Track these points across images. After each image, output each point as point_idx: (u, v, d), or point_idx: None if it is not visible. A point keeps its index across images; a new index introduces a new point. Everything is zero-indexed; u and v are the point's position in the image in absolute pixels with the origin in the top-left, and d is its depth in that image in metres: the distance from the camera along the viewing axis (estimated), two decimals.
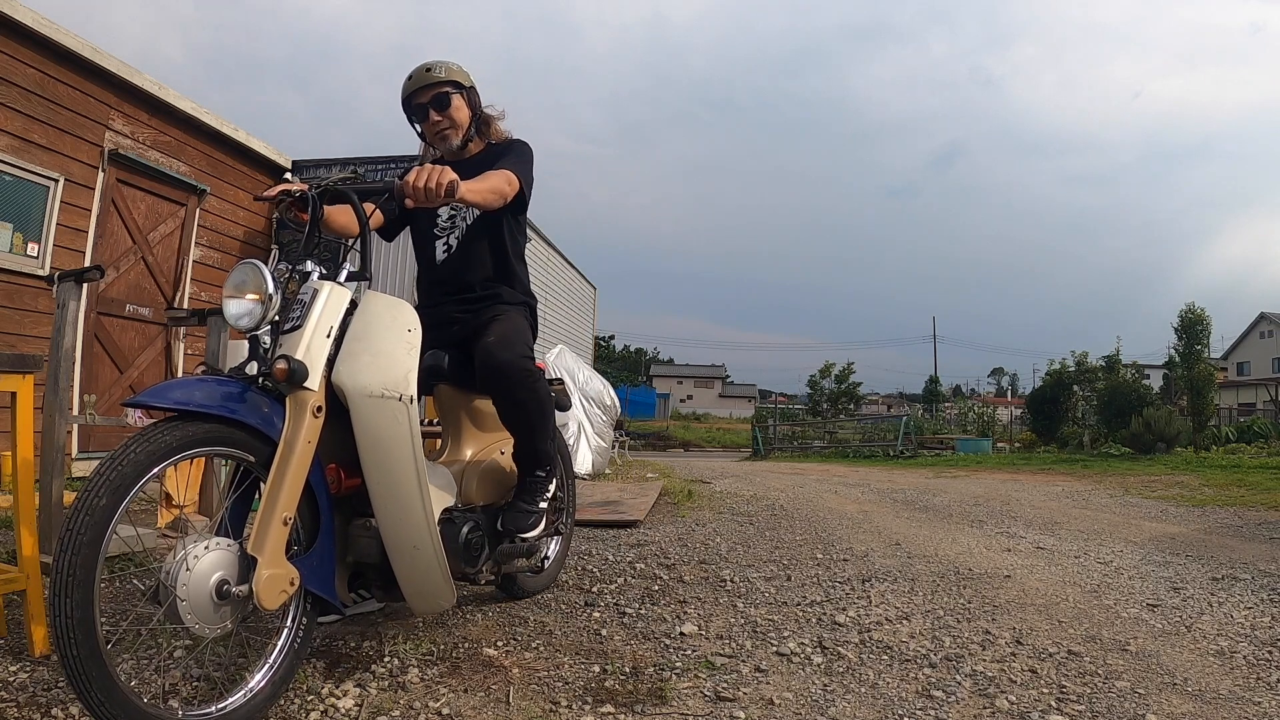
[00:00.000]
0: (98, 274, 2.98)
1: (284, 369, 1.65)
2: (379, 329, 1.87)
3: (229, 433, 1.58)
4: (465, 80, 2.43)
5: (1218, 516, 5.83)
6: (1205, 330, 15.55)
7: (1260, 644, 2.40)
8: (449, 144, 2.43)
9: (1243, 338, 44.56)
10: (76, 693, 1.33)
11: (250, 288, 1.73)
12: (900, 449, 18.55)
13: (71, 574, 1.30)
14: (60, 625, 1.30)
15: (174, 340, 6.10)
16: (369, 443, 1.79)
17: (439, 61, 2.41)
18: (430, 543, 1.87)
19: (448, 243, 2.45)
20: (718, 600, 2.84)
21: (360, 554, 1.92)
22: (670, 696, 1.85)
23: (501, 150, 2.45)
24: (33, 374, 1.99)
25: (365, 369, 1.80)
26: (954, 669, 2.12)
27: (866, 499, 7.11)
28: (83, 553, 1.32)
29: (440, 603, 2.00)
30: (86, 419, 3.46)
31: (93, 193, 5.37)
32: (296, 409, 1.67)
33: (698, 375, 67.44)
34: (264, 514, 1.59)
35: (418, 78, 2.38)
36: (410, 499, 1.83)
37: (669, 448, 28.93)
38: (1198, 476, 9.26)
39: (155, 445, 1.44)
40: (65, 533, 1.32)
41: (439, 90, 2.39)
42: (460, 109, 2.42)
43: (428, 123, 2.41)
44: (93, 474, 1.39)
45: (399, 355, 1.87)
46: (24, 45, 4.82)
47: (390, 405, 1.80)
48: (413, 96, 2.39)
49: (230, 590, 1.52)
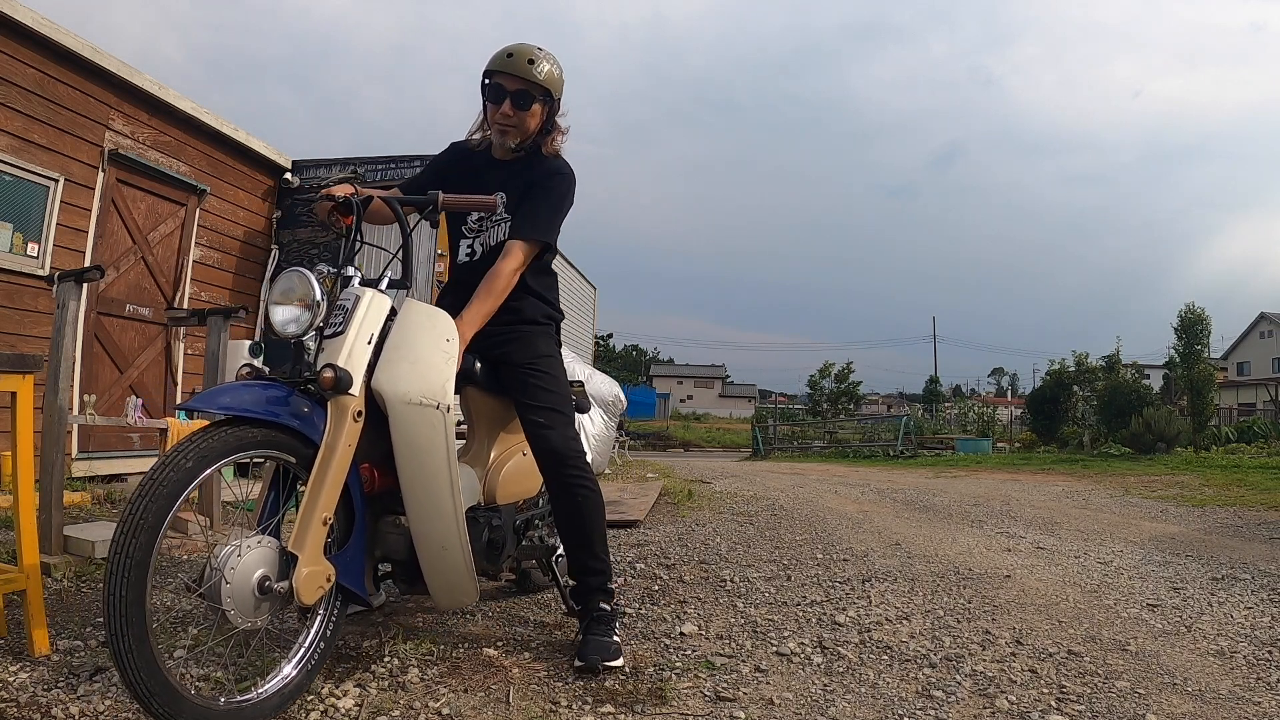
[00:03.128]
0: (98, 274, 2.98)
1: (331, 378, 1.69)
2: (418, 337, 1.90)
3: (276, 436, 1.64)
4: (556, 91, 2.26)
5: (1218, 516, 5.83)
6: (1205, 330, 15.57)
7: (1260, 644, 2.40)
8: (503, 140, 2.28)
9: (1243, 338, 44.56)
10: (122, 672, 1.37)
11: (298, 295, 1.76)
12: (900, 449, 18.55)
13: (129, 555, 1.36)
14: (113, 605, 1.35)
15: (174, 340, 6.10)
16: (406, 448, 1.84)
17: (545, 55, 2.22)
18: (459, 544, 1.92)
19: (472, 246, 2.37)
20: (718, 600, 2.84)
21: (389, 550, 1.99)
22: (670, 696, 1.85)
23: (540, 176, 2.28)
24: (33, 374, 1.99)
25: (404, 376, 1.84)
26: (954, 669, 2.12)
27: (866, 499, 7.11)
28: (142, 536, 1.38)
29: (464, 599, 2.05)
30: (86, 419, 3.47)
31: (93, 193, 5.36)
32: (338, 414, 1.72)
33: (698, 375, 67.43)
34: (304, 514, 1.65)
35: (516, 65, 2.18)
36: (442, 502, 1.88)
37: (669, 448, 28.93)
38: (1198, 476, 9.27)
39: (212, 447, 1.51)
40: (128, 515, 1.39)
41: (527, 88, 2.20)
42: (535, 117, 2.25)
43: (498, 109, 2.22)
44: (153, 469, 1.45)
45: (437, 364, 1.90)
46: (24, 45, 4.82)
47: (428, 413, 1.84)
48: (498, 74, 2.20)
49: (271, 586, 1.58)
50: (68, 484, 4.19)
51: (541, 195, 2.27)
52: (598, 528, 2.20)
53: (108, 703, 1.67)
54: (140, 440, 5.65)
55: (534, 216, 2.24)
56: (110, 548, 1.38)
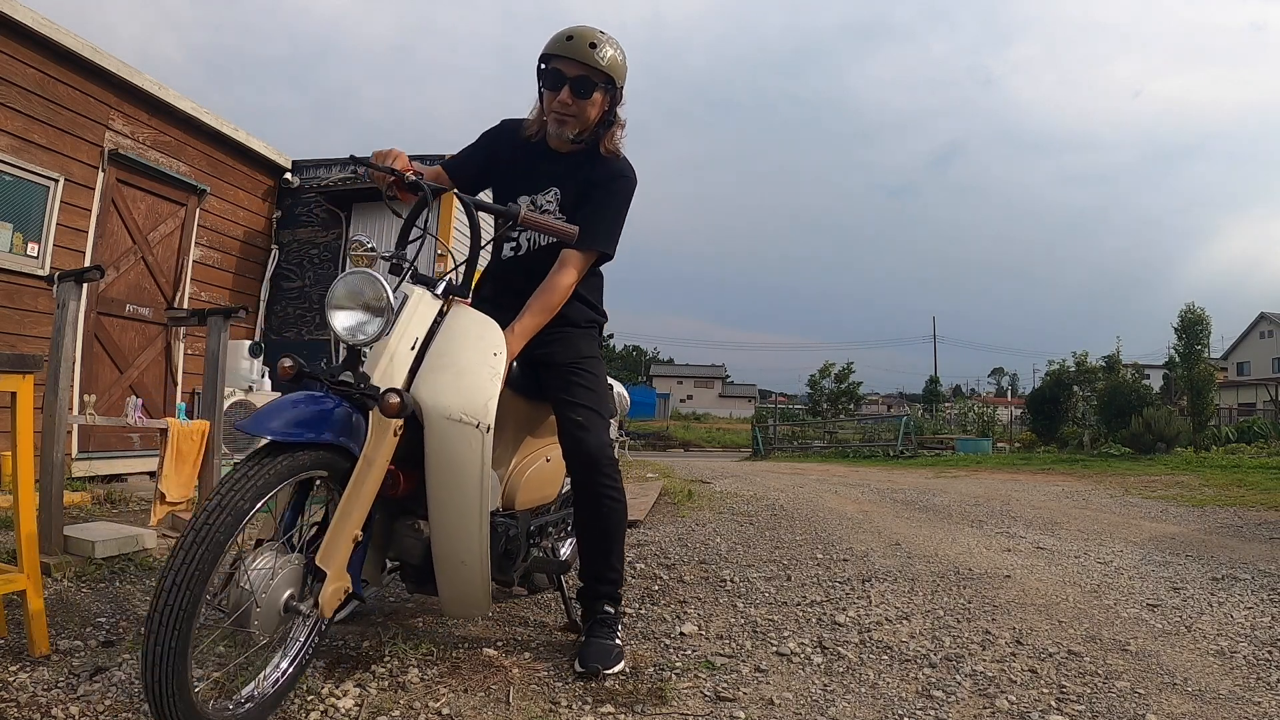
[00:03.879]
0: (98, 274, 2.98)
1: (396, 405, 1.60)
2: (465, 348, 1.81)
3: (323, 456, 1.60)
4: (619, 79, 2.10)
5: (1218, 516, 5.83)
6: (1205, 330, 15.58)
7: (1260, 644, 2.40)
8: (561, 130, 2.13)
9: (1243, 338, 44.57)
10: (150, 685, 1.33)
11: (367, 298, 1.65)
12: (900, 449, 18.55)
13: (180, 608, 1.31)
14: (154, 659, 1.30)
15: (174, 340, 6.10)
16: (439, 462, 1.77)
17: (608, 40, 2.06)
18: (479, 560, 1.85)
19: (517, 242, 2.26)
20: (718, 600, 2.83)
21: (404, 553, 1.91)
22: (670, 696, 1.85)
23: (601, 178, 2.16)
24: (33, 374, 1.99)
25: (446, 389, 1.76)
26: (954, 669, 2.12)
27: (866, 499, 7.10)
28: (195, 588, 1.33)
29: (474, 611, 1.99)
30: (86, 419, 3.47)
31: (93, 193, 5.37)
32: (380, 428, 1.66)
33: (698, 375, 67.43)
34: (336, 530, 1.62)
35: (576, 49, 2.02)
36: (469, 521, 1.80)
37: (669, 448, 28.94)
38: (1198, 476, 9.26)
39: (267, 482, 1.47)
40: (179, 564, 1.33)
41: (588, 74, 2.05)
42: (595, 106, 2.10)
43: (556, 96, 2.08)
44: (206, 510, 1.39)
45: (482, 380, 1.81)
46: (24, 45, 4.82)
47: (466, 430, 1.76)
48: (557, 58, 2.05)
49: (296, 605, 1.56)
50: (68, 484, 4.19)
51: (602, 201, 2.15)
52: (618, 538, 2.16)
53: (108, 703, 1.67)
54: (140, 440, 5.65)
55: (594, 225, 2.10)
56: (157, 597, 1.31)
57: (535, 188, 2.23)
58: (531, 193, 2.22)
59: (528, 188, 2.23)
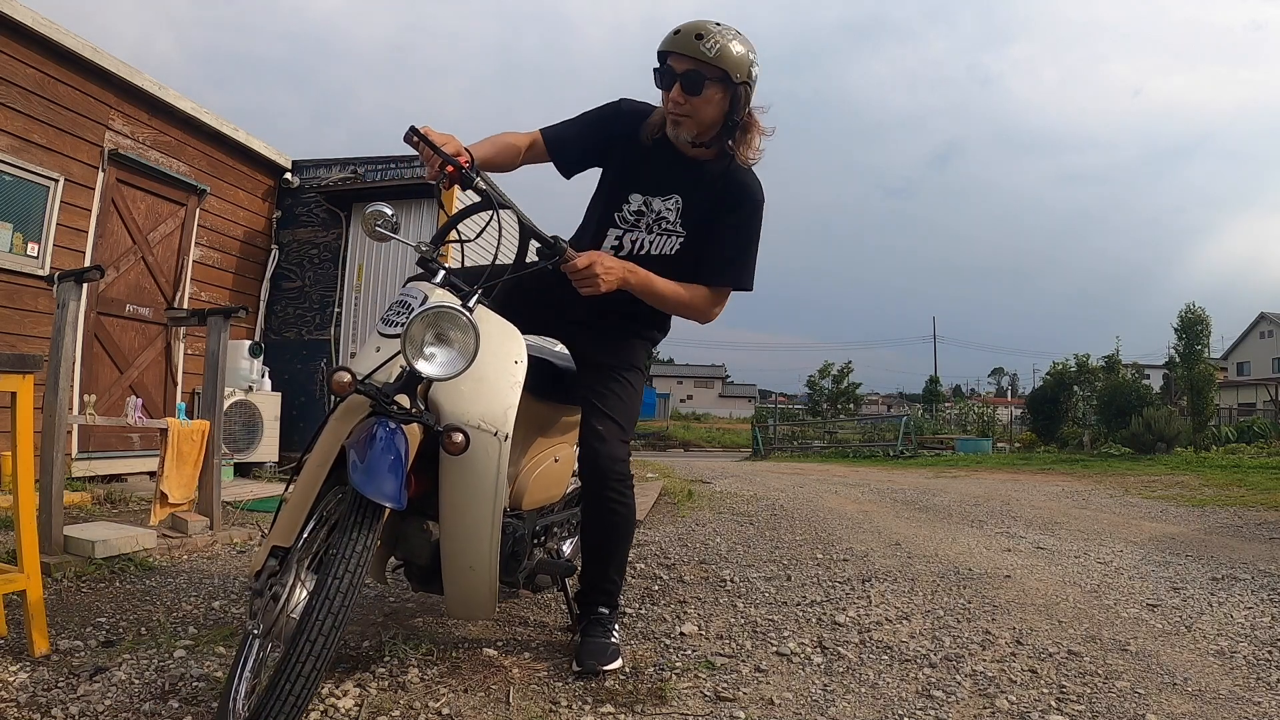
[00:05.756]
0: (98, 274, 2.98)
1: (460, 443, 1.62)
2: (485, 355, 1.74)
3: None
4: (738, 73, 1.90)
5: (1218, 516, 5.83)
6: (1205, 330, 15.56)
7: (1260, 644, 2.40)
8: (677, 132, 2.00)
9: (1243, 338, 44.56)
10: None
11: (453, 339, 1.62)
12: (900, 449, 18.54)
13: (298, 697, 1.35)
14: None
15: (174, 340, 6.10)
16: (454, 470, 1.75)
17: (722, 31, 1.89)
18: (487, 565, 1.83)
19: (620, 241, 2.12)
20: (718, 600, 2.83)
21: (411, 552, 1.90)
22: (670, 696, 1.85)
23: (732, 200, 2.04)
24: (33, 374, 1.99)
25: (465, 396, 1.75)
26: (954, 669, 2.12)
27: (866, 499, 7.11)
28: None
29: (479, 614, 1.98)
30: (86, 419, 3.46)
31: (93, 193, 5.36)
32: (412, 443, 1.65)
33: (698, 375, 67.40)
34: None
35: (682, 42, 1.89)
36: (480, 528, 1.79)
37: (669, 448, 28.91)
38: (1198, 476, 9.26)
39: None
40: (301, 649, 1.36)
41: (698, 68, 1.89)
42: (712, 103, 1.93)
43: (668, 94, 1.96)
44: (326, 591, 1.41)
45: (502, 389, 1.79)
46: (24, 45, 4.81)
47: (484, 438, 1.74)
48: (668, 55, 1.93)
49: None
50: (68, 484, 4.20)
51: (738, 229, 2.05)
52: (622, 549, 2.15)
53: (107, 703, 1.67)
54: (140, 440, 5.65)
55: (738, 261, 2.06)
56: (280, 676, 1.34)
57: (656, 190, 2.10)
58: (649, 194, 2.10)
59: (648, 188, 2.10)
